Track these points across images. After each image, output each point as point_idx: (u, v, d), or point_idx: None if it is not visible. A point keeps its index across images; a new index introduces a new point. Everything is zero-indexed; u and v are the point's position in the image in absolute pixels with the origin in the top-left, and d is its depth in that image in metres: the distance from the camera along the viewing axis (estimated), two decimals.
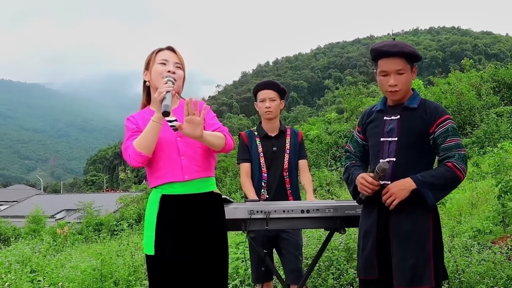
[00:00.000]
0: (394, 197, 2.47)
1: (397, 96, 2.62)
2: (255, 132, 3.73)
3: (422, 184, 2.44)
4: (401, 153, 2.56)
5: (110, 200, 35.76)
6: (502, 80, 21.83)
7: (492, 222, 6.30)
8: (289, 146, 3.69)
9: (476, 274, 4.47)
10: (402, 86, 2.58)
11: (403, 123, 2.58)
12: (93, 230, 20.17)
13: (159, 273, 2.44)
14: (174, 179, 2.47)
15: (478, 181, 10.75)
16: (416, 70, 2.65)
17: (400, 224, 2.51)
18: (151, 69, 2.56)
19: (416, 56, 2.60)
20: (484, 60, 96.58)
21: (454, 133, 2.53)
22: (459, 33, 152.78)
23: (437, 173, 2.47)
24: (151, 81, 2.56)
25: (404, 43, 2.62)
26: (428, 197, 2.45)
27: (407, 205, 2.48)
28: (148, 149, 2.38)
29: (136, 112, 2.62)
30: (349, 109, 29.22)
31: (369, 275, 2.59)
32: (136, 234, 11.23)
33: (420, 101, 2.62)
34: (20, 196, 53.89)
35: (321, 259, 4.96)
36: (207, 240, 2.51)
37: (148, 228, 2.48)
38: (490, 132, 16.02)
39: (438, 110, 2.57)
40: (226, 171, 21.74)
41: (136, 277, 5.49)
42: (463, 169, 2.46)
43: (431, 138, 2.55)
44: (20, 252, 6.76)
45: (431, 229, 2.51)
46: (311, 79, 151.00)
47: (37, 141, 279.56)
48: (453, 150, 2.48)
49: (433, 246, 2.50)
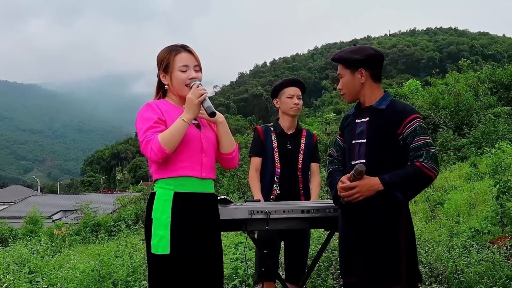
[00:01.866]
0: (359, 194, 2.50)
1: (345, 99, 2.78)
2: (271, 127, 3.76)
3: (389, 185, 2.47)
4: (370, 154, 2.59)
5: (107, 200, 35.71)
6: (499, 81, 21.90)
7: (490, 223, 6.32)
8: (304, 147, 3.71)
9: (475, 274, 4.49)
10: (345, 89, 2.74)
11: (372, 125, 2.62)
12: (90, 231, 20.09)
13: (173, 273, 2.40)
14: (192, 174, 2.48)
15: (476, 181, 10.77)
16: (364, 73, 2.66)
17: (372, 225, 2.54)
18: (172, 76, 2.55)
19: (347, 60, 2.68)
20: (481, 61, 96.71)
21: (422, 132, 2.54)
22: (456, 34, 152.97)
23: (405, 173, 2.49)
24: (173, 87, 2.57)
25: (345, 50, 2.74)
26: (398, 197, 2.47)
27: (379, 206, 2.51)
28: (173, 147, 2.38)
29: (154, 100, 2.60)
30: (347, 109, 29.24)
31: (347, 277, 2.65)
32: (134, 234, 11.21)
33: (389, 102, 2.66)
34: (17, 197, 53.79)
35: (320, 259, 4.96)
36: (214, 240, 2.55)
37: (159, 227, 2.42)
38: (488, 132, 16.05)
39: (405, 110, 2.60)
40: (224, 172, 21.73)
41: (135, 278, 5.48)
42: (432, 168, 2.46)
43: (401, 139, 2.56)
44: (18, 253, 6.75)
45: (403, 229, 2.54)
46: (308, 79, 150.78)
47: (34, 142, 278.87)
48: (422, 149, 2.49)
49: (406, 246, 2.52)
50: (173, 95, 2.60)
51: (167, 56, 2.56)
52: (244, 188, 17.99)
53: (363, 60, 2.66)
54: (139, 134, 2.45)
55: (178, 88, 2.55)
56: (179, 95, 2.57)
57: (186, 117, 2.41)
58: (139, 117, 2.48)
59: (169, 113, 2.49)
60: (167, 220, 2.42)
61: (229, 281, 5.17)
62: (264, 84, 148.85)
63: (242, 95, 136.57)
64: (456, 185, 11.07)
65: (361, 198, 2.51)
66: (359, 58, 2.66)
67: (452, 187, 10.72)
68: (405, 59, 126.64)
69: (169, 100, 2.60)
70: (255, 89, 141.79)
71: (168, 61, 2.55)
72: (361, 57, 2.65)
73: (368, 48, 2.70)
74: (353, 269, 2.59)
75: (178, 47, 2.59)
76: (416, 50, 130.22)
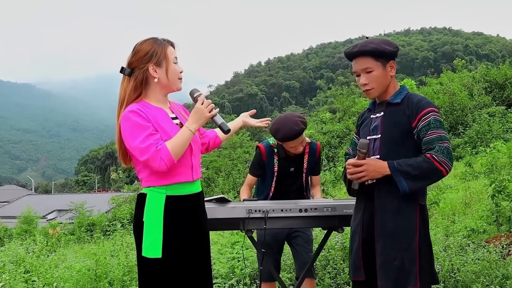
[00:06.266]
0: (366, 173, 2.45)
1: (371, 95, 2.60)
2: (275, 148, 3.58)
3: (396, 171, 2.39)
4: (385, 149, 2.51)
5: (102, 200, 35.60)
6: (493, 81, 21.96)
7: (486, 222, 6.34)
8: (306, 165, 3.60)
9: (472, 273, 4.50)
10: (374, 84, 2.55)
11: (386, 120, 2.55)
12: (85, 231, 20.04)
13: (165, 276, 2.39)
14: (185, 179, 2.45)
15: (471, 181, 10.81)
16: (394, 65, 2.59)
17: (385, 224, 2.46)
18: (169, 69, 2.46)
19: (381, 52, 2.54)
20: (475, 61, 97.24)
21: (437, 125, 2.44)
22: (451, 34, 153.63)
23: (414, 162, 2.39)
24: (167, 81, 2.48)
25: (369, 41, 2.59)
26: (401, 184, 2.38)
27: (393, 204, 2.45)
28: (180, 156, 2.37)
29: (135, 104, 2.42)
30: (342, 109, 29.24)
31: (356, 276, 2.56)
32: (130, 234, 11.18)
33: (405, 96, 2.56)
34: (11, 196, 53.54)
35: (318, 259, 4.97)
36: (205, 238, 2.56)
37: (151, 230, 2.38)
38: (482, 132, 16.12)
39: (421, 103, 2.49)
40: (219, 171, 21.68)
41: (131, 277, 5.46)
42: (443, 162, 2.36)
43: (415, 132, 2.47)
44: (13, 253, 6.72)
45: (417, 229, 2.45)
46: (303, 79, 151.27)
47: (28, 141, 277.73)
48: (435, 143, 2.40)
49: (419, 247, 2.43)
50: (155, 93, 2.48)
51: (159, 49, 2.46)
52: (239, 187, 17.98)
53: (395, 52, 2.59)
54: (134, 141, 2.32)
55: (173, 81, 2.49)
56: (168, 89, 2.50)
57: (193, 128, 2.39)
58: (130, 124, 2.34)
59: (155, 118, 2.40)
60: (159, 223, 2.38)
61: (226, 280, 5.17)
62: (259, 84, 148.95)
63: (237, 94, 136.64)
64: (452, 185, 11.10)
65: (367, 178, 2.45)
66: (392, 50, 2.57)
67: (447, 186, 10.74)
68: (399, 59, 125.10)
69: (147, 101, 2.47)
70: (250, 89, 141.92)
71: (162, 54, 2.46)
72: (394, 49, 2.58)
73: (390, 41, 2.62)
74: (361, 268, 2.52)
75: (162, 39, 2.51)
76: (410, 50, 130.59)
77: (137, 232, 2.43)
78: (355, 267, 2.57)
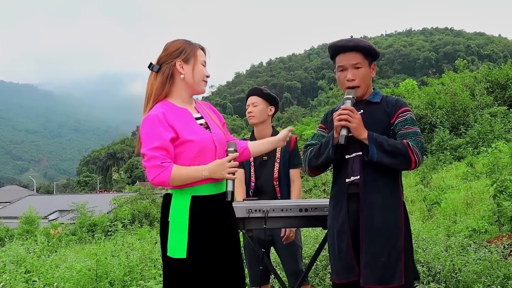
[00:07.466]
0: (355, 121, 2.45)
1: (357, 92, 2.60)
2: (248, 139, 3.61)
3: (372, 139, 2.44)
4: (366, 145, 2.50)
5: (103, 200, 35.72)
6: (495, 81, 21.96)
7: (487, 222, 6.33)
8: (279, 155, 3.60)
9: (473, 273, 4.49)
10: (361, 81, 2.59)
11: (367, 117, 2.56)
12: (86, 231, 20.08)
13: (190, 277, 2.38)
14: (211, 180, 2.44)
15: (473, 181, 10.80)
16: (375, 67, 2.67)
17: (372, 220, 2.45)
18: (195, 68, 2.48)
19: (373, 51, 2.63)
20: (477, 61, 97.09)
21: (412, 122, 2.54)
22: (452, 34, 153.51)
23: (391, 140, 2.46)
24: (192, 80, 2.49)
25: (359, 39, 2.66)
26: (372, 150, 2.42)
27: (379, 200, 2.46)
28: (175, 185, 2.38)
29: (161, 105, 2.42)
30: None
31: (350, 277, 2.49)
32: (131, 234, 11.18)
33: (382, 97, 2.67)
34: (13, 197, 53.72)
35: (318, 258, 4.95)
36: (234, 238, 2.54)
37: (176, 230, 2.39)
38: (484, 132, 16.11)
39: (399, 103, 2.62)
40: None
41: (131, 277, 5.45)
42: (416, 153, 2.42)
43: (392, 128, 2.56)
44: (14, 253, 6.71)
45: (403, 226, 2.48)
46: (305, 79, 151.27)
47: (30, 142, 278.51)
48: (411, 136, 2.48)
49: (405, 244, 2.47)
50: (180, 92, 2.50)
51: (190, 47, 2.49)
52: None
53: (378, 55, 2.70)
54: (146, 145, 2.34)
55: (198, 81, 2.50)
56: (192, 89, 2.51)
57: (206, 175, 2.39)
58: (150, 129, 2.35)
59: (178, 119, 2.41)
60: (184, 224, 2.39)
61: None
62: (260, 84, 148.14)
63: (239, 95, 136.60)
64: (453, 185, 11.10)
65: (352, 125, 2.45)
66: (377, 52, 2.67)
67: (449, 186, 10.74)
68: (401, 59, 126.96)
69: (172, 101, 2.48)
70: None
71: (191, 52, 2.49)
72: (377, 51, 2.67)
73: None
74: (356, 267, 2.47)
75: (199, 45, 2.55)
76: (412, 50, 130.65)
77: (162, 232, 2.44)
78: (347, 268, 2.50)
